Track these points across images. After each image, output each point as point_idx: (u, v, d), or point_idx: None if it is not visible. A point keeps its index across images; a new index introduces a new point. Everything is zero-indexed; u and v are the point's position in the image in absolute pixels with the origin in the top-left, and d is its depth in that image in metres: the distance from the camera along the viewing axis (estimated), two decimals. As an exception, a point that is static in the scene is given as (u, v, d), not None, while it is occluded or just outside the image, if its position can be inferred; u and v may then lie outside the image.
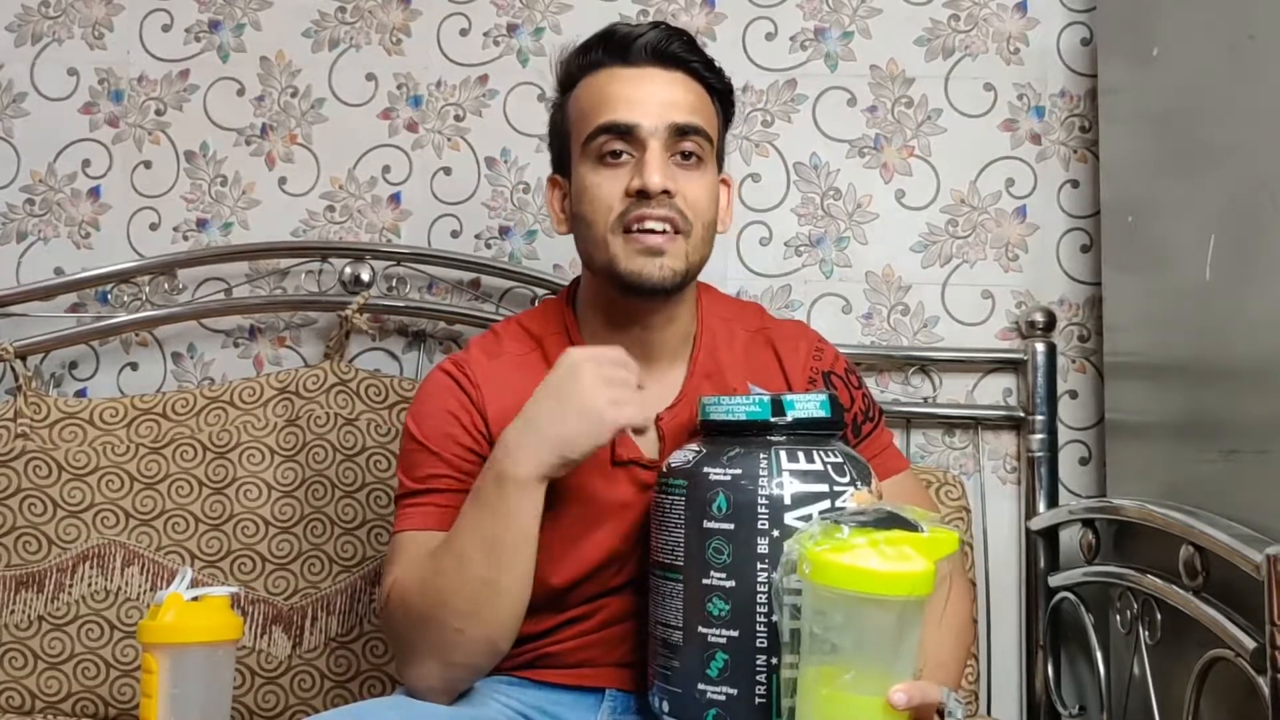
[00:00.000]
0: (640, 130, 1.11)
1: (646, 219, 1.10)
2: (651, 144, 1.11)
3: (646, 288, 1.12)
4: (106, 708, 1.51)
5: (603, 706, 1.14)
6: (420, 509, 1.13)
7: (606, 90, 1.14)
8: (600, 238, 1.12)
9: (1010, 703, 1.60)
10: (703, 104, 1.16)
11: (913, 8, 1.71)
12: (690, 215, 1.12)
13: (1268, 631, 0.98)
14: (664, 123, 1.11)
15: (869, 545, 0.85)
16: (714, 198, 1.17)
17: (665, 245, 1.11)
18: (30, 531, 1.53)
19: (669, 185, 1.10)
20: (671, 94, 1.13)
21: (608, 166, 1.12)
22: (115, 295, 1.68)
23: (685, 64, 1.15)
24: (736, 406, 1.01)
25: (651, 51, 1.14)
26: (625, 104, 1.12)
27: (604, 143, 1.12)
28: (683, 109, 1.13)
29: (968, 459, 1.65)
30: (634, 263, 1.11)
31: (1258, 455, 1.13)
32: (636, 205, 1.10)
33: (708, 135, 1.15)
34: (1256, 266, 1.15)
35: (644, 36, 1.14)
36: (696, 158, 1.14)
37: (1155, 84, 1.41)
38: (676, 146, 1.12)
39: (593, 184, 1.13)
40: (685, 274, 1.13)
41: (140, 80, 1.73)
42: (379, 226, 1.71)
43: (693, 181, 1.13)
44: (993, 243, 1.68)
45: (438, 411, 1.16)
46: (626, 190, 1.11)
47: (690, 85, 1.15)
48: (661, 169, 1.10)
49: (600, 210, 1.12)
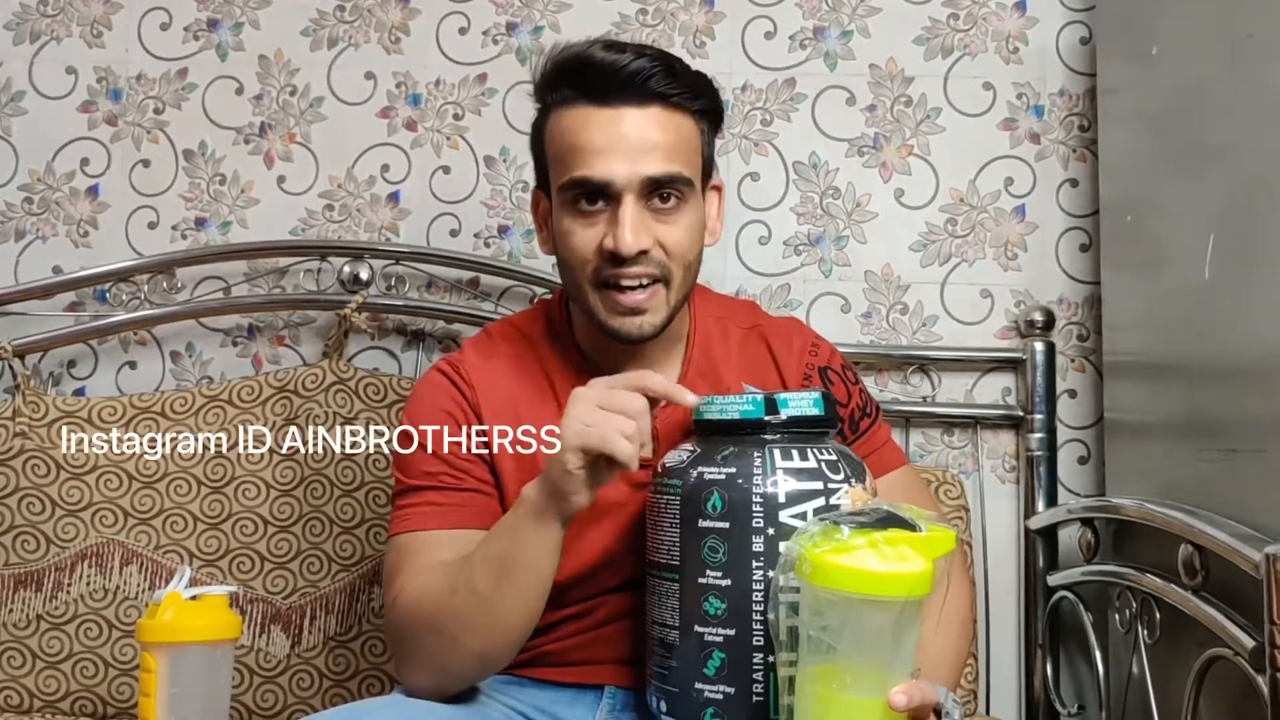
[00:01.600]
0: (613, 187, 1.08)
1: (623, 278, 1.09)
2: (626, 198, 1.08)
3: (628, 340, 1.12)
4: (105, 707, 1.51)
5: (601, 704, 1.14)
6: (418, 509, 1.12)
7: (580, 138, 1.09)
8: (580, 289, 1.12)
9: (1009, 702, 1.60)
10: (682, 139, 1.12)
11: (912, 7, 1.71)
12: (669, 262, 1.11)
13: (1267, 630, 0.98)
14: (637, 177, 1.08)
15: (868, 546, 0.85)
16: (697, 233, 1.14)
17: (645, 303, 1.10)
18: (29, 530, 1.53)
19: (644, 245, 1.08)
20: (647, 138, 1.09)
21: (583, 215, 1.10)
22: (114, 294, 1.68)
23: (663, 98, 1.10)
24: (730, 406, 1.01)
25: (625, 88, 1.08)
26: (598, 157, 1.08)
27: (577, 195, 1.10)
28: (659, 156, 1.09)
29: (967, 458, 1.64)
30: (614, 320, 1.11)
31: (1256, 454, 1.13)
32: (611, 265, 1.09)
33: (685, 179, 1.11)
34: (1255, 265, 1.15)
35: (620, 72, 1.08)
36: (675, 202, 1.11)
37: (1154, 83, 1.41)
38: (652, 195, 1.10)
39: (568, 231, 1.11)
40: (667, 320, 1.13)
41: (139, 79, 1.73)
42: (378, 225, 1.71)
43: (672, 226, 1.11)
44: (992, 242, 1.68)
45: (433, 411, 1.15)
46: (600, 247, 1.09)
47: (668, 120, 1.10)
48: (635, 227, 1.07)
49: (577, 262, 1.11)
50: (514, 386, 1.17)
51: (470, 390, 1.16)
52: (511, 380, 1.17)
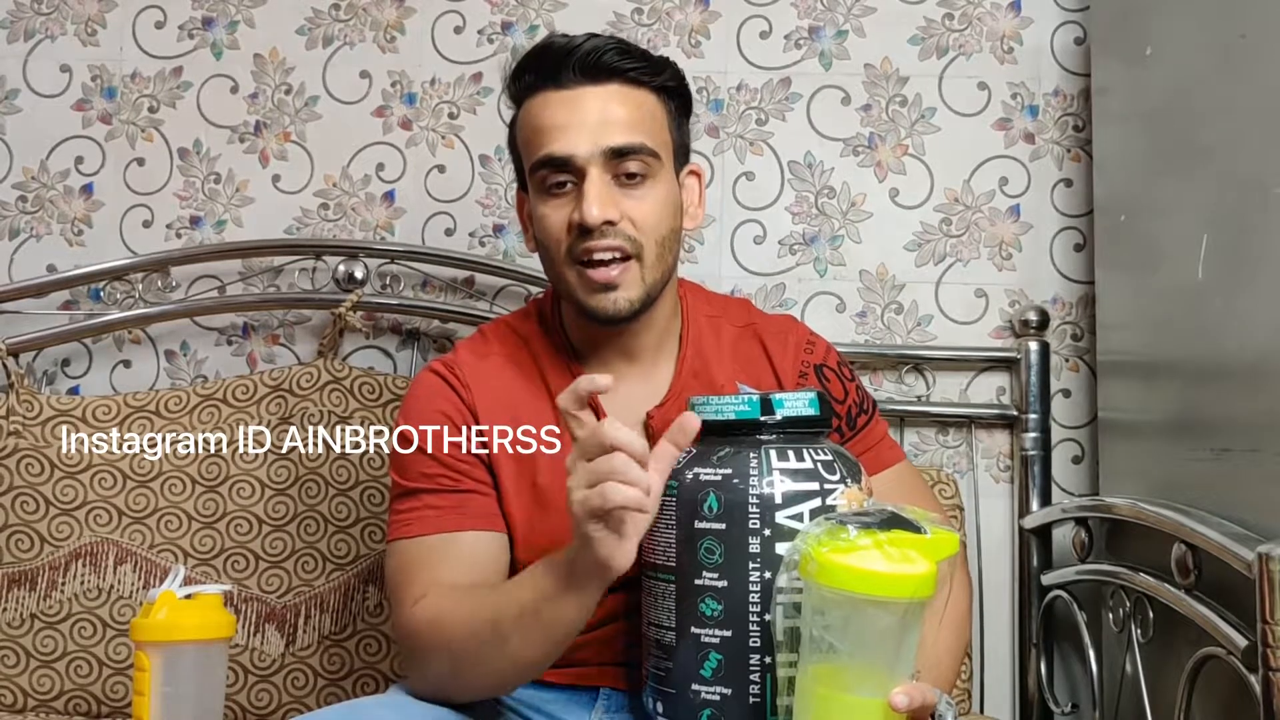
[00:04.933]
0: (576, 160, 1.09)
1: (593, 251, 1.10)
2: (590, 171, 1.09)
3: (605, 320, 1.12)
4: (99, 706, 1.51)
5: (597, 705, 1.14)
6: (419, 513, 1.12)
7: (541, 119, 1.12)
8: (557, 271, 1.14)
9: (1003, 701, 1.61)
10: (644, 115, 1.13)
11: (907, 7, 1.71)
12: (640, 236, 1.11)
13: (1259, 629, 0.98)
14: (599, 148, 1.09)
15: (874, 547, 0.85)
16: (668, 208, 1.14)
17: (618, 278, 1.10)
18: (22, 529, 1.53)
19: (610, 215, 1.09)
20: (606, 112, 1.10)
21: (554, 197, 1.12)
22: (108, 292, 1.68)
23: (619, 74, 1.12)
24: (726, 406, 1.01)
25: (581, 69, 1.11)
26: (559, 133, 1.10)
27: (545, 176, 1.12)
28: (620, 128, 1.10)
29: (961, 457, 1.65)
30: (591, 299, 1.12)
31: (1249, 454, 1.13)
32: (581, 239, 1.10)
33: (650, 150, 1.11)
34: (1248, 265, 1.15)
35: (572, 54, 1.11)
36: (641, 176, 1.11)
37: (1148, 83, 1.41)
38: (618, 169, 1.10)
39: (541, 215, 1.13)
40: (645, 298, 1.13)
41: (133, 77, 1.73)
42: (373, 224, 1.71)
43: (640, 201, 1.11)
44: (986, 241, 1.68)
45: (429, 412, 1.15)
46: (569, 223, 1.10)
47: (628, 96, 1.12)
48: (600, 199, 1.08)
49: (552, 242, 1.12)
50: (509, 384, 1.17)
51: (466, 391, 1.16)
52: (506, 378, 1.18)
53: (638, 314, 1.13)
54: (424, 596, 1.07)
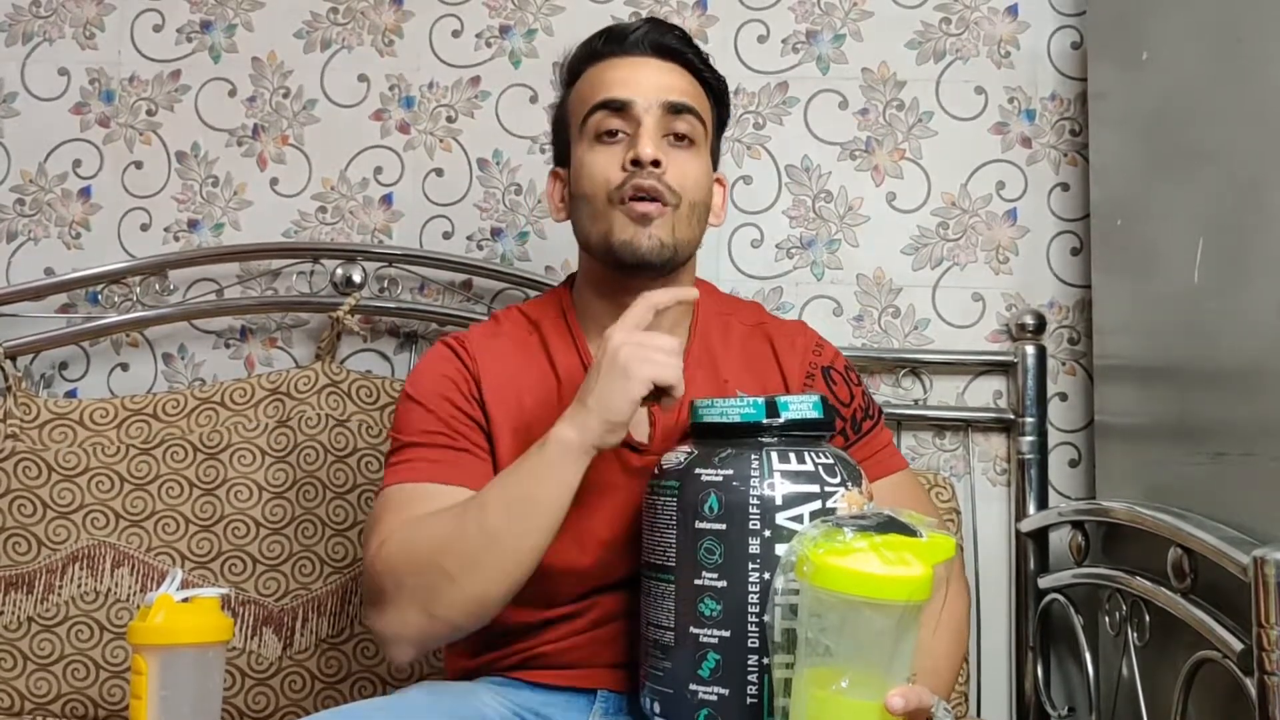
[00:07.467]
0: (635, 106, 1.15)
1: (640, 189, 1.13)
2: (646, 120, 1.15)
3: (636, 257, 1.14)
4: (96, 709, 1.51)
5: (594, 708, 1.14)
6: (409, 463, 1.14)
7: (604, 75, 1.19)
8: (598, 210, 1.16)
9: (1000, 704, 1.61)
10: (697, 93, 1.21)
11: (904, 11, 1.71)
12: (678, 189, 1.15)
13: (1255, 633, 0.98)
14: (658, 100, 1.16)
15: (870, 549, 0.86)
16: (705, 180, 1.20)
17: (655, 214, 1.14)
18: (20, 532, 1.53)
19: (660, 156, 1.14)
20: (666, 79, 1.18)
21: (604, 144, 1.17)
22: (106, 296, 1.68)
23: (680, 55, 1.20)
24: (730, 409, 1.01)
25: (648, 43, 1.19)
26: (621, 84, 1.17)
27: (601, 119, 1.17)
28: (676, 91, 1.18)
29: (958, 461, 1.65)
30: (626, 231, 1.14)
31: (1245, 457, 1.13)
32: (631, 176, 1.14)
33: (700, 118, 1.19)
34: (1244, 269, 1.15)
35: (639, 29, 1.20)
36: (689, 139, 1.18)
37: (1145, 87, 1.42)
38: (670, 126, 1.17)
39: (590, 160, 1.17)
40: (673, 247, 1.16)
41: (131, 80, 1.73)
42: (370, 227, 1.71)
43: (684, 160, 1.17)
44: (983, 245, 1.68)
45: (434, 374, 1.19)
46: (622, 164, 1.15)
47: (685, 75, 1.20)
48: (654, 141, 1.14)
49: (599, 183, 1.16)
50: (516, 365, 1.20)
51: (472, 362, 1.19)
52: (512, 356, 1.21)
53: (666, 262, 1.16)
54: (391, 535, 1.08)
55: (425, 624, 1.06)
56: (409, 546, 1.06)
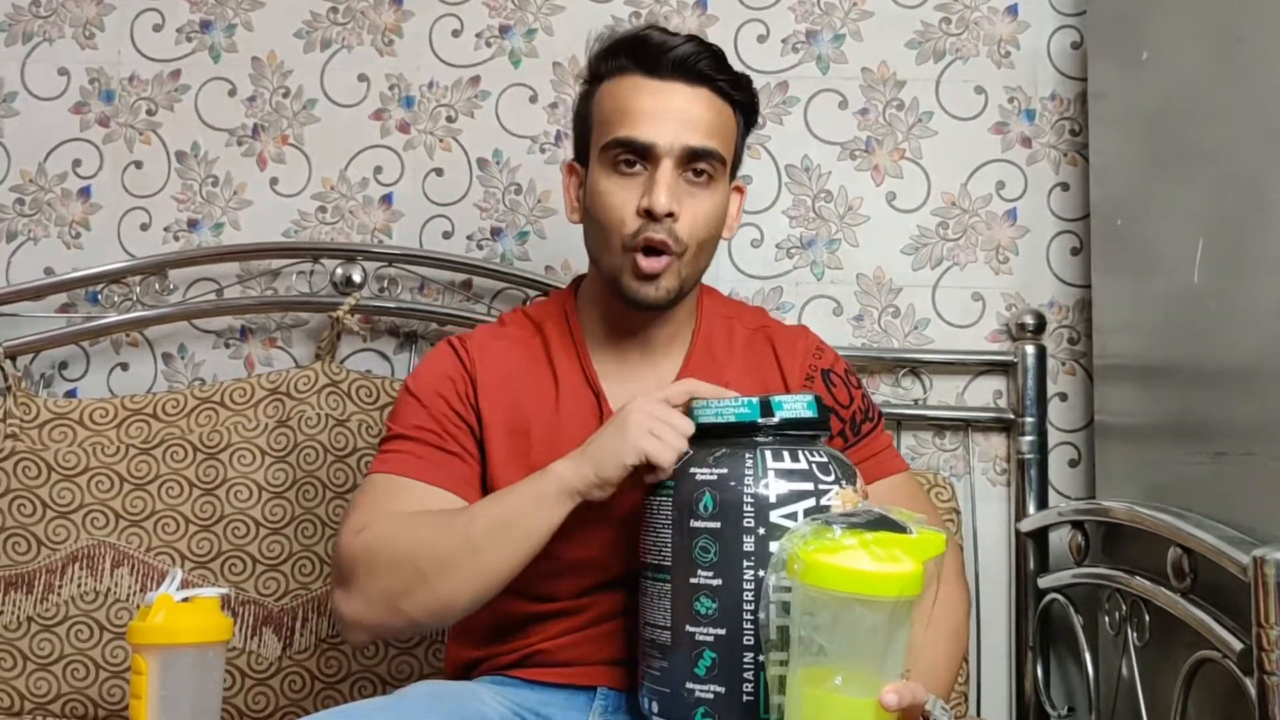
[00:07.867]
0: (655, 150, 1.14)
1: (651, 242, 1.14)
2: (664, 163, 1.13)
3: (644, 306, 1.17)
4: (96, 709, 1.51)
5: (594, 705, 1.14)
6: (398, 454, 1.17)
7: (630, 102, 1.16)
8: (610, 247, 1.16)
9: (1000, 704, 1.61)
10: (722, 123, 1.18)
11: (904, 11, 1.71)
12: (685, 237, 1.15)
13: (1254, 633, 0.98)
14: (679, 144, 1.14)
15: (860, 546, 0.86)
16: (718, 214, 1.19)
17: (661, 269, 1.15)
18: (19, 532, 1.53)
19: (673, 208, 1.13)
20: (691, 112, 1.15)
21: (621, 175, 1.16)
22: (106, 295, 1.68)
23: (710, 81, 1.17)
24: (726, 409, 1.02)
25: (677, 66, 1.15)
26: (645, 119, 1.14)
27: (619, 154, 1.15)
28: (700, 130, 1.15)
29: (958, 461, 1.65)
30: (634, 283, 1.15)
31: (1244, 457, 1.13)
32: (644, 228, 1.14)
33: (721, 157, 1.17)
34: (1244, 269, 1.15)
35: (673, 51, 1.15)
36: (708, 175, 1.16)
37: (1145, 87, 1.42)
38: (688, 166, 1.15)
39: (605, 190, 1.16)
40: (680, 290, 1.17)
41: (131, 80, 1.73)
42: (370, 227, 1.71)
43: (699, 201, 1.16)
44: (983, 245, 1.68)
45: (434, 372, 1.21)
46: (638, 210, 1.14)
47: (712, 102, 1.17)
48: (669, 190, 1.13)
49: (614, 223, 1.15)
50: (515, 365, 1.22)
51: (471, 363, 1.21)
52: (512, 358, 1.22)
53: (673, 303, 1.18)
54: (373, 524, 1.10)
55: (387, 616, 1.09)
56: (391, 541, 1.09)
